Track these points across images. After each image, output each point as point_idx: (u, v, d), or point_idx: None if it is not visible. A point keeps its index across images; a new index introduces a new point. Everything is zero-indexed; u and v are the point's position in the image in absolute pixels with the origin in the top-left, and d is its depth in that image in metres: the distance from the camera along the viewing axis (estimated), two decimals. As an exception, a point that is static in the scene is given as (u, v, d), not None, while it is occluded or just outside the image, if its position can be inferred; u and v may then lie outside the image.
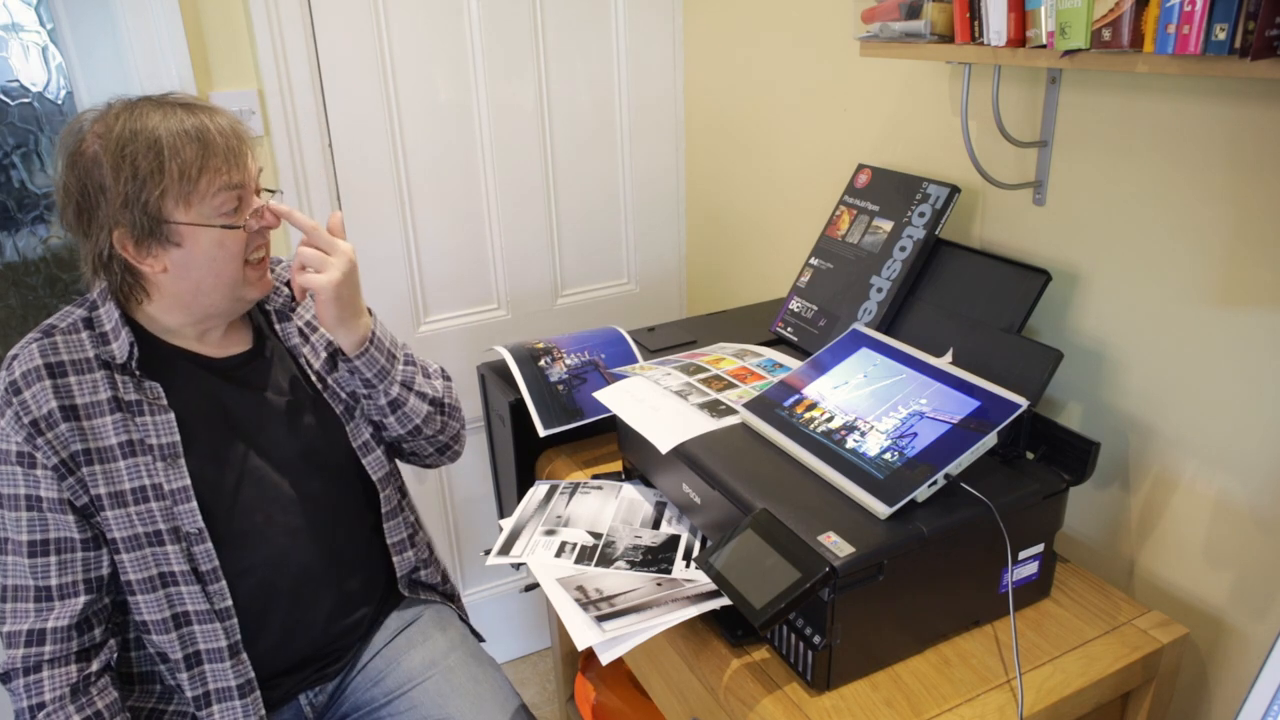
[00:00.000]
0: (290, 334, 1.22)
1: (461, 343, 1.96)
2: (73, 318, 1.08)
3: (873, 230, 1.38)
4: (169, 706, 1.12)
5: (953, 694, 0.94)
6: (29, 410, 1.01)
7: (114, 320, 1.06)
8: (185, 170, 0.99)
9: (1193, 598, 1.11)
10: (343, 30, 1.66)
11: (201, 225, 1.02)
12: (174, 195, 1.00)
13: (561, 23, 1.86)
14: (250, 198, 1.07)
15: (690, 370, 1.29)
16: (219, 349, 1.15)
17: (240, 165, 1.04)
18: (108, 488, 1.04)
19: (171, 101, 1.05)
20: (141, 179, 0.99)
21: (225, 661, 1.09)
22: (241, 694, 1.10)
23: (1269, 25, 0.76)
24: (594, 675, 1.62)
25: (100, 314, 1.07)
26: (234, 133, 1.04)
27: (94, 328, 1.07)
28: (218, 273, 1.05)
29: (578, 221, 2.02)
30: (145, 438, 1.06)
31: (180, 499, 1.06)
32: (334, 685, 1.24)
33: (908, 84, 1.41)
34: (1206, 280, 1.04)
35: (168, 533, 1.06)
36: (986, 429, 0.97)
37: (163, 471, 1.05)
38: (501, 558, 1.16)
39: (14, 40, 1.53)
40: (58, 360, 1.04)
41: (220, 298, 1.08)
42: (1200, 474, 1.08)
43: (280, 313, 1.22)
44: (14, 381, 1.02)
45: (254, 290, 1.10)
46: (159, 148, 0.99)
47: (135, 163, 0.99)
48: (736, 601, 0.91)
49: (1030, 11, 0.98)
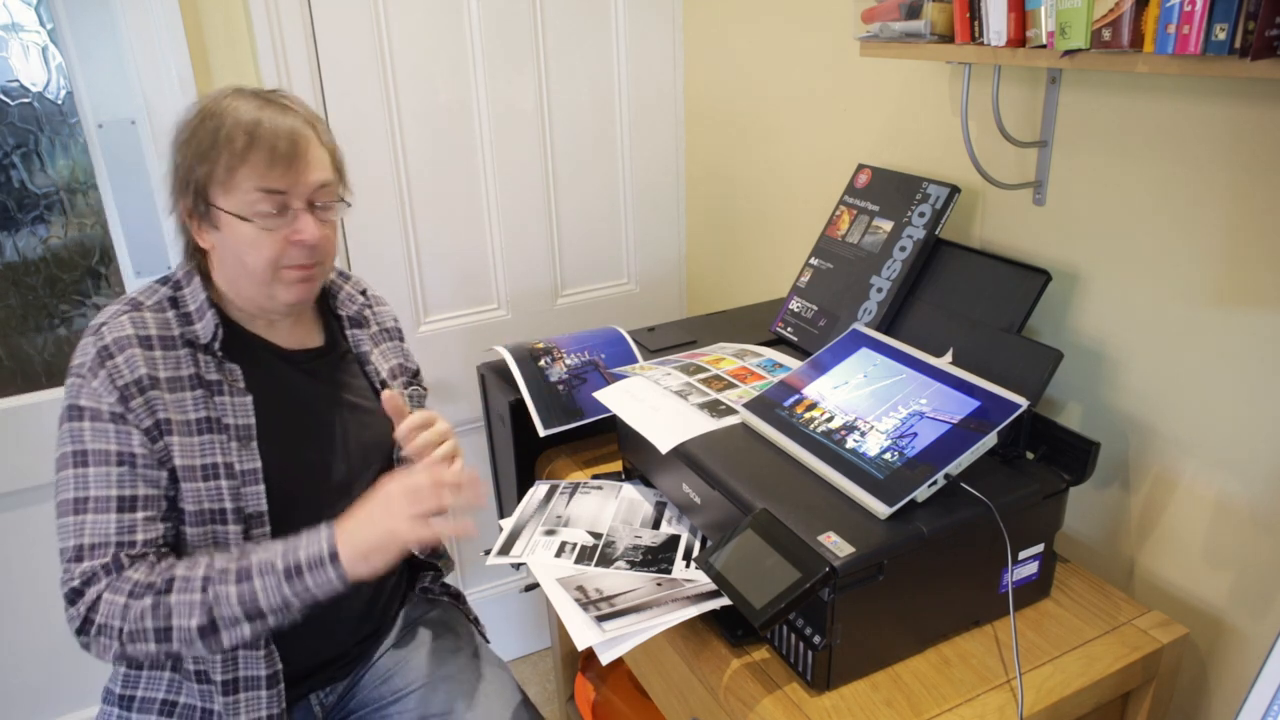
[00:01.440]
0: (361, 340, 1.25)
1: (461, 343, 1.96)
2: (159, 295, 1.09)
3: (873, 230, 1.38)
4: (179, 698, 1.12)
5: (953, 694, 0.94)
6: (121, 374, 1.02)
7: (199, 300, 1.09)
8: (230, 160, 1.02)
9: (1193, 598, 1.11)
10: (343, 30, 1.66)
11: (236, 216, 1.04)
12: (218, 180, 1.03)
13: (561, 23, 1.86)
14: (297, 204, 1.06)
15: (690, 370, 1.29)
16: (290, 340, 1.17)
17: (287, 171, 1.03)
18: (182, 460, 1.05)
19: (262, 94, 1.07)
20: (198, 156, 1.03)
21: (259, 649, 1.10)
22: (269, 684, 1.11)
23: (1269, 25, 0.76)
24: (594, 675, 1.62)
25: (185, 293, 1.09)
26: (291, 137, 1.03)
27: (179, 306, 1.09)
28: (248, 266, 1.07)
29: (578, 221, 2.02)
30: (223, 416, 1.07)
31: (249, 480, 1.07)
32: (344, 685, 1.24)
33: (908, 84, 1.41)
34: (1207, 280, 1.04)
35: (231, 512, 1.07)
36: (986, 429, 0.97)
37: (236, 451, 1.07)
38: (501, 558, 1.16)
39: (14, 40, 1.53)
40: (146, 334, 1.05)
41: (254, 292, 1.09)
42: (1200, 474, 1.08)
43: (353, 319, 1.25)
44: (106, 346, 1.03)
45: (287, 293, 1.09)
46: (218, 131, 1.02)
47: (199, 139, 1.03)
48: (736, 601, 0.91)
49: (1030, 11, 0.98)
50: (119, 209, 1.64)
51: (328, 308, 1.25)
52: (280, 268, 1.07)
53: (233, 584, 0.99)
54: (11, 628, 1.73)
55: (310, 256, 1.08)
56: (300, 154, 1.04)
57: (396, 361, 1.30)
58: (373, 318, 1.29)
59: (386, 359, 1.28)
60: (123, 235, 1.65)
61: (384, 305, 1.33)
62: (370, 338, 1.27)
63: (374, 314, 1.30)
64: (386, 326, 1.31)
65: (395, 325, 1.33)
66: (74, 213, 1.65)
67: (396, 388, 1.27)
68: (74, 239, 1.66)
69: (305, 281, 1.10)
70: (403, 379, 1.30)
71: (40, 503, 1.68)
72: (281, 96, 1.09)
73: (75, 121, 1.60)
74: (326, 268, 1.14)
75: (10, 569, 1.69)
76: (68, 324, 1.70)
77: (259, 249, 1.05)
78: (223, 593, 0.99)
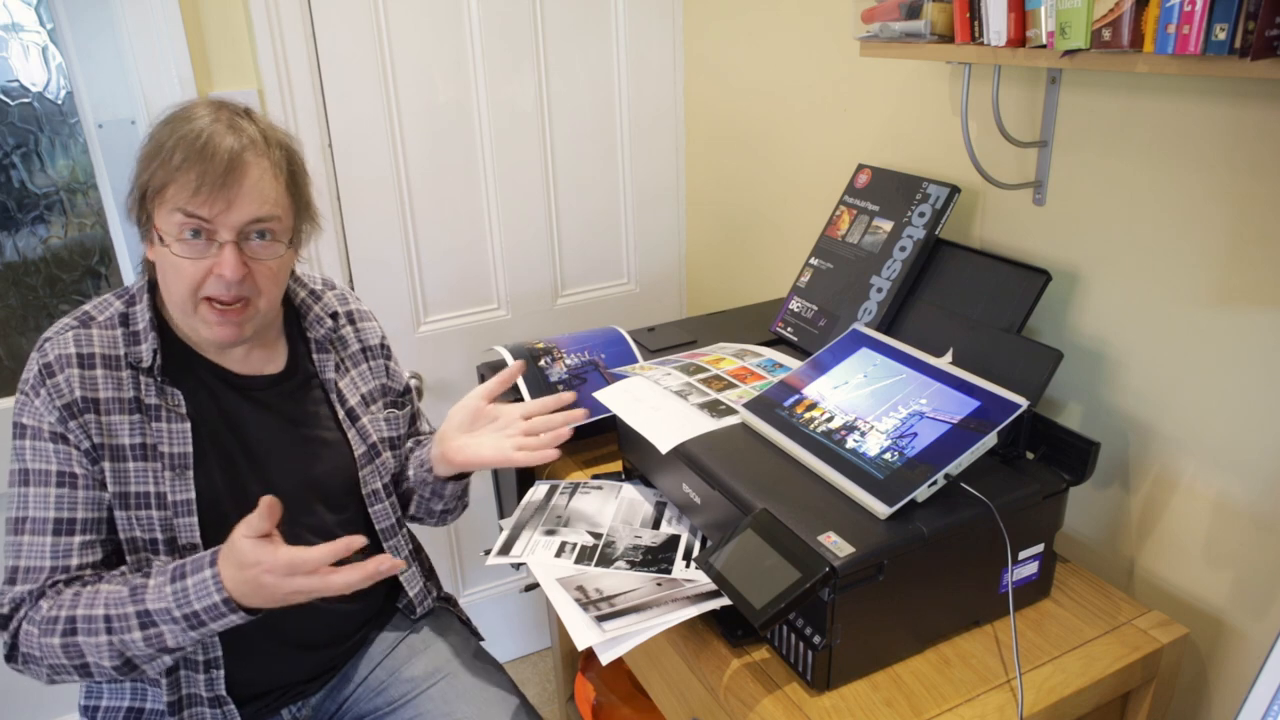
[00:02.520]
0: (326, 366, 1.19)
1: (461, 343, 1.96)
2: (110, 311, 1.07)
3: (873, 230, 1.38)
4: (145, 704, 1.11)
5: (953, 694, 0.94)
6: (61, 393, 1.01)
7: (145, 320, 1.06)
8: (165, 173, 0.97)
9: (1193, 598, 1.11)
10: (343, 30, 1.66)
11: (160, 236, 0.99)
12: (153, 192, 0.99)
13: (561, 23, 1.86)
14: (224, 237, 0.99)
15: (690, 370, 1.29)
16: (244, 366, 1.13)
17: (214, 198, 0.96)
18: (115, 487, 1.03)
19: (228, 109, 1.02)
20: (145, 161, 1.00)
21: (199, 674, 1.08)
22: (213, 705, 1.10)
23: (1269, 25, 0.76)
24: (594, 675, 1.62)
25: (135, 311, 1.07)
26: (229, 162, 0.96)
27: (128, 325, 1.06)
28: (170, 292, 1.03)
29: (578, 221, 2.02)
30: (159, 444, 1.05)
31: (182, 511, 1.05)
32: (319, 698, 1.23)
33: (908, 84, 1.41)
34: (1207, 280, 1.04)
35: (163, 543, 1.05)
36: (986, 429, 0.97)
37: (169, 481, 1.05)
38: (501, 558, 1.16)
39: (14, 40, 1.53)
40: (89, 352, 1.03)
41: (181, 321, 1.06)
42: (1200, 474, 1.08)
43: (320, 343, 1.19)
44: (48, 364, 1.02)
45: (209, 331, 1.03)
46: (166, 140, 0.98)
47: (153, 143, 0.99)
48: (736, 601, 0.91)
49: (1030, 11, 0.98)
50: (119, 209, 1.63)
51: (298, 329, 1.19)
52: (199, 300, 1.01)
53: (137, 630, 0.95)
54: (11, 628, 1.73)
55: (228, 292, 0.99)
56: (234, 181, 0.97)
57: (376, 384, 1.25)
58: (352, 336, 1.23)
59: (362, 383, 1.23)
60: (123, 235, 1.65)
61: (368, 321, 1.27)
62: (343, 361, 1.21)
63: (356, 331, 1.24)
64: (369, 344, 1.25)
65: (380, 342, 1.27)
66: (74, 213, 1.65)
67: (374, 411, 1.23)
68: (74, 239, 1.66)
69: (224, 325, 1.02)
70: (382, 401, 1.25)
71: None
72: (246, 116, 1.03)
73: (75, 121, 1.60)
74: (260, 309, 1.04)
75: (10, 569, 1.69)
76: (68, 324, 1.70)
77: (178, 275, 0.99)
78: (129, 639, 0.96)
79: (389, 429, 1.25)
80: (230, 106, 1.03)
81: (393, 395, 1.28)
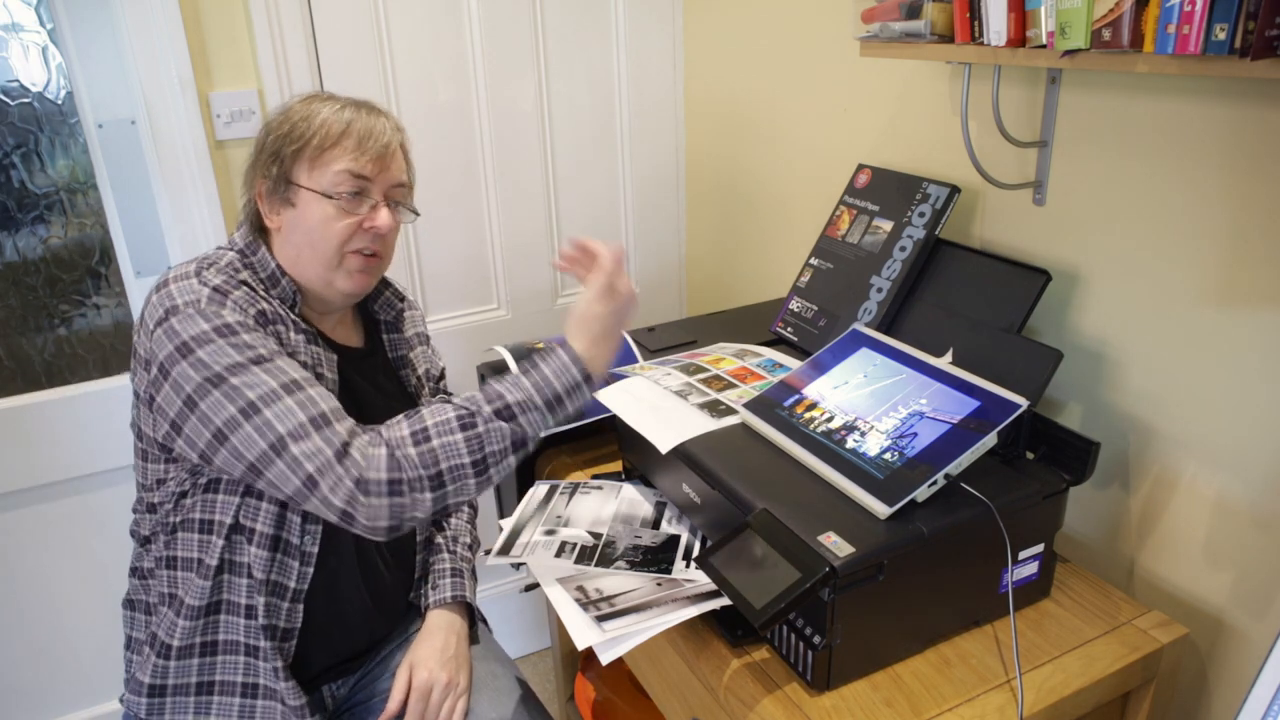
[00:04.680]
0: (399, 344, 1.28)
1: (461, 343, 1.96)
2: (227, 258, 1.09)
3: (873, 230, 1.38)
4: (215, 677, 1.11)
5: (953, 694, 0.94)
6: (244, 308, 1.02)
7: (270, 267, 1.11)
8: (324, 140, 1.07)
9: (1193, 598, 1.11)
10: (343, 30, 1.66)
11: (316, 193, 1.07)
12: (306, 158, 1.07)
13: (561, 23, 1.86)
14: (376, 196, 1.10)
15: (690, 370, 1.29)
16: (336, 337, 1.19)
17: (374, 162, 1.09)
18: None
19: (354, 100, 1.13)
20: (289, 136, 1.08)
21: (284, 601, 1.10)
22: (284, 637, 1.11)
23: (1269, 25, 0.76)
24: (594, 675, 1.62)
25: (255, 260, 1.11)
26: (380, 137, 1.09)
27: (252, 270, 1.10)
28: (315, 246, 1.09)
29: (578, 221, 2.02)
30: (318, 366, 1.09)
31: None
32: (354, 679, 1.25)
33: (908, 84, 1.41)
34: (1206, 280, 1.04)
35: None
36: (986, 429, 0.97)
37: None
38: (501, 558, 1.16)
39: (14, 40, 1.53)
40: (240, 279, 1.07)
41: (314, 275, 1.11)
42: (1200, 474, 1.08)
43: (391, 324, 1.28)
44: (217, 286, 1.02)
45: (346, 282, 1.11)
46: (313, 119, 1.08)
47: (292, 124, 1.08)
48: (736, 601, 0.91)
49: (1030, 11, 0.98)
50: (119, 209, 1.64)
51: (368, 311, 1.27)
52: (346, 252, 1.10)
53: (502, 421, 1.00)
54: (13, 627, 1.72)
55: (376, 244, 1.12)
56: (388, 152, 1.11)
57: (424, 368, 1.31)
58: (407, 321, 1.30)
59: (419, 365, 1.30)
60: (123, 235, 1.65)
61: (415, 309, 1.34)
62: (406, 342, 1.29)
63: (410, 317, 1.32)
64: (419, 330, 1.33)
65: (424, 330, 1.35)
66: (74, 213, 1.65)
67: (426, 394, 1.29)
68: (74, 239, 1.66)
69: (364, 272, 1.12)
70: (430, 385, 1.31)
71: (41, 502, 1.68)
72: (367, 101, 1.14)
73: (75, 121, 1.60)
74: (385, 264, 1.16)
75: (11, 568, 1.69)
76: (68, 324, 1.70)
77: (331, 228, 1.08)
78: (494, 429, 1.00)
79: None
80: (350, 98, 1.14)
81: (433, 381, 1.34)
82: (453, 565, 1.29)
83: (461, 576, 1.28)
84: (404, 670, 1.16)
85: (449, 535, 1.33)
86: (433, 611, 1.23)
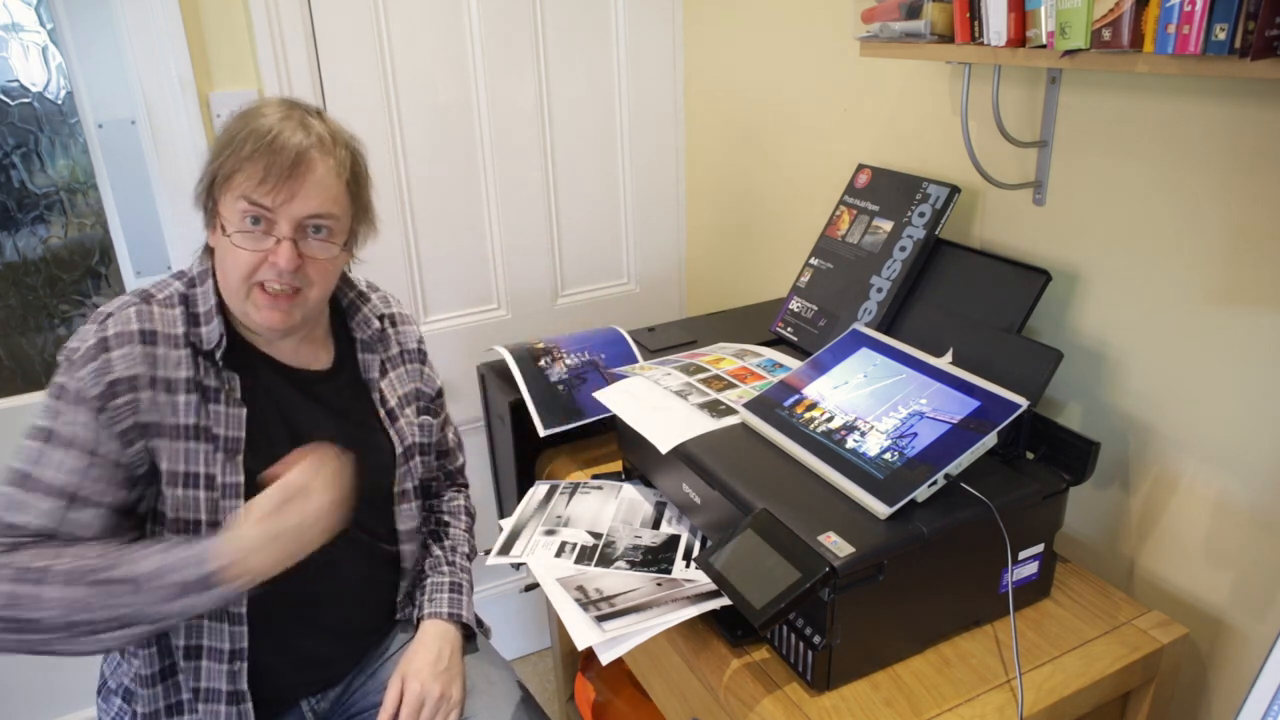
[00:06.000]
0: (371, 366, 1.22)
1: (461, 343, 1.96)
2: (170, 290, 1.07)
3: (873, 230, 1.38)
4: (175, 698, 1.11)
5: (953, 694, 0.94)
6: (113, 369, 1.00)
7: (210, 304, 1.07)
8: (233, 162, 1.01)
9: (1193, 598, 1.11)
10: (343, 30, 1.66)
11: (223, 222, 1.03)
12: (221, 180, 1.03)
13: (561, 23, 1.86)
14: (282, 229, 1.02)
15: (690, 370, 1.29)
16: (294, 359, 1.14)
17: (277, 190, 1.00)
18: (166, 465, 1.03)
19: (300, 109, 1.06)
20: (217, 151, 1.03)
21: (222, 664, 1.09)
22: (230, 700, 1.10)
23: (1269, 25, 0.76)
24: (594, 675, 1.62)
25: (198, 293, 1.08)
26: (295, 157, 1.00)
27: (189, 305, 1.07)
28: (226, 276, 1.05)
29: (578, 221, 2.02)
30: (212, 426, 1.05)
31: (230, 494, 1.05)
32: (336, 692, 1.24)
33: (908, 84, 1.41)
34: (1206, 280, 1.04)
35: (207, 524, 1.05)
36: (986, 429, 0.97)
37: (220, 463, 1.05)
38: (501, 558, 1.16)
39: (14, 40, 1.53)
40: (151, 329, 1.04)
41: (233, 305, 1.07)
42: (1200, 474, 1.08)
43: (366, 343, 1.22)
44: (106, 338, 1.01)
45: (258, 315, 1.05)
46: (239, 132, 1.02)
47: (225, 134, 1.03)
48: (736, 601, 0.91)
49: (1030, 11, 0.98)
50: (119, 209, 1.64)
51: (344, 328, 1.22)
52: (252, 285, 1.03)
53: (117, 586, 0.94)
54: (11, 628, 1.72)
55: (280, 281, 1.03)
56: (298, 175, 1.01)
57: (412, 387, 1.26)
58: (394, 338, 1.26)
59: (400, 384, 1.25)
60: (123, 235, 1.65)
61: (408, 325, 1.29)
62: (384, 362, 1.24)
63: (397, 334, 1.26)
64: (408, 348, 1.28)
65: (418, 346, 1.30)
66: (74, 213, 1.65)
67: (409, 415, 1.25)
68: (74, 239, 1.66)
69: (274, 309, 1.04)
70: (417, 405, 1.27)
71: (40, 503, 1.68)
72: (317, 116, 1.07)
73: (75, 121, 1.60)
74: (310, 299, 1.07)
75: (10, 569, 1.69)
76: (68, 324, 1.70)
77: (235, 260, 1.02)
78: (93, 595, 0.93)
79: (422, 435, 1.26)
80: (303, 106, 1.07)
81: (426, 399, 1.29)
82: (451, 579, 1.27)
83: (460, 592, 1.26)
84: (395, 682, 1.14)
85: (447, 545, 1.32)
86: (427, 622, 1.21)
